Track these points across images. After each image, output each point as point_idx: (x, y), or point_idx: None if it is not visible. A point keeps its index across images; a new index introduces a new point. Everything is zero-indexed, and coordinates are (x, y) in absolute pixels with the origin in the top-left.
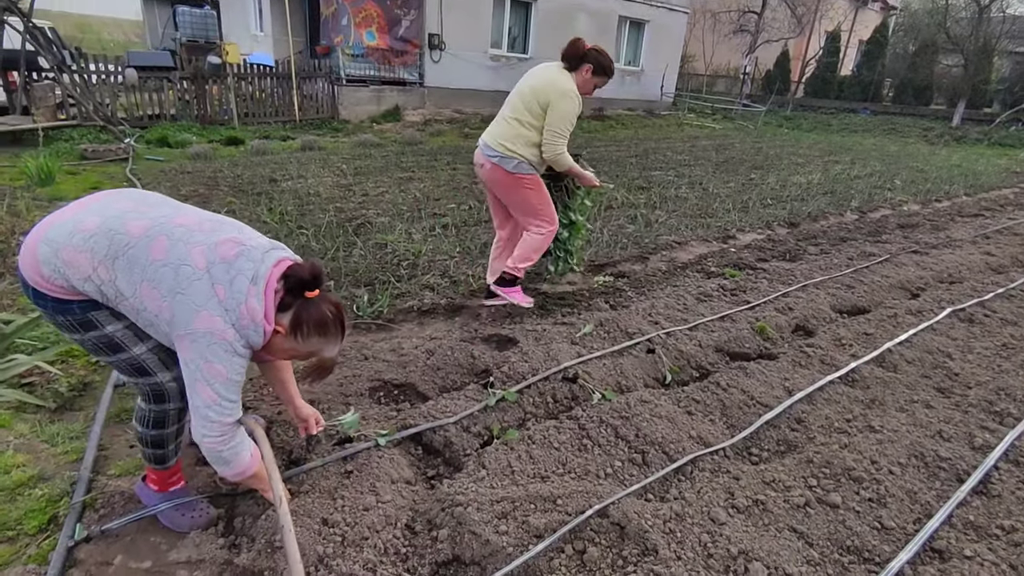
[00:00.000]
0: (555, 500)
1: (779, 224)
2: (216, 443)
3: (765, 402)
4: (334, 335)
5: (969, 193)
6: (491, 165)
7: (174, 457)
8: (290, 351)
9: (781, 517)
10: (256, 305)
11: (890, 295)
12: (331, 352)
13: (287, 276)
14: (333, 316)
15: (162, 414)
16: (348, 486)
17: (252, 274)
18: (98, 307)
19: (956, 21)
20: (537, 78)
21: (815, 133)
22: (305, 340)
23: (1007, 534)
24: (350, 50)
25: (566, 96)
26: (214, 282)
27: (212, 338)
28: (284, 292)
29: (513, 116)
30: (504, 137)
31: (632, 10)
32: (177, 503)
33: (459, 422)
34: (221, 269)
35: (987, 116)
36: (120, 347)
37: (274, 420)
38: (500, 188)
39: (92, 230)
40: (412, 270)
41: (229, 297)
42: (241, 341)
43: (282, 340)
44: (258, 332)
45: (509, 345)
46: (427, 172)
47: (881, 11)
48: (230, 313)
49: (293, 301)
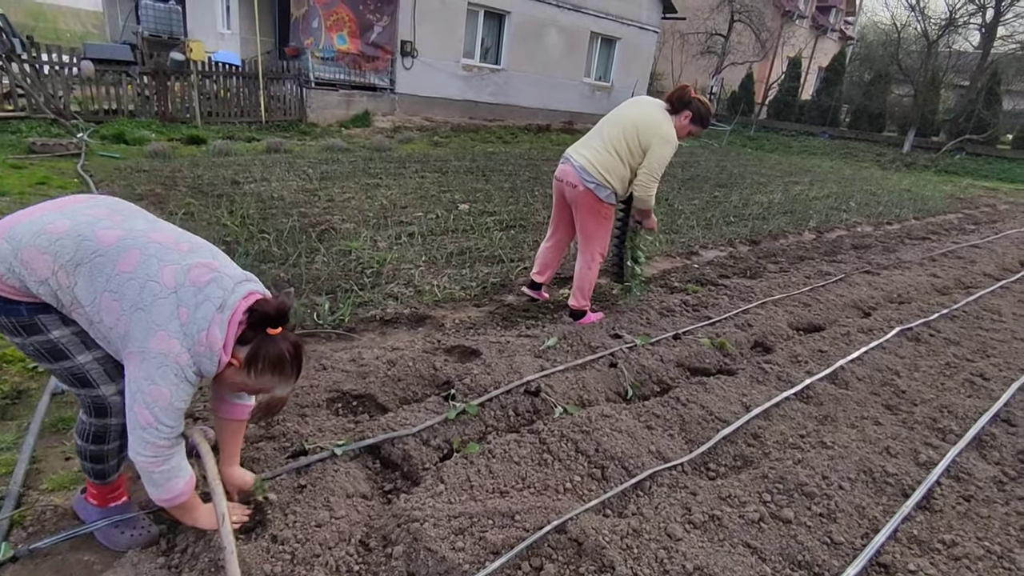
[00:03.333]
0: (513, 516)
1: (741, 242)
2: (149, 463)
3: (723, 417)
4: (288, 375)
5: (918, 217)
6: (585, 189)
7: (115, 472)
8: (240, 385)
9: (736, 533)
10: (218, 334)
11: (844, 313)
12: (282, 391)
13: (252, 310)
14: (290, 356)
15: (103, 428)
16: (301, 501)
17: (220, 302)
18: (47, 311)
19: (907, 54)
20: (642, 116)
21: (777, 154)
22: (258, 376)
23: (948, 548)
24: (320, 53)
25: (668, 143)
26: (180, 304)
27: (164, 360)
28: (247, 325)
29: (615, 149)
30: (604, 167)
31: (604, 27)
32: (116, 520)
33: (419, 434)
34: (190, 292)
35: (935, 144)
36: (64, 355)
37: None
38: (584, 211)
39: (60, 233)
40: (376, 278)
41: (191, 322)
42: (193, 368)
43: (234, 372)
44: (212, 361)
45: (472, 357)
46: (395, 179)
47: (840, 40)
48: (188, 338)
49: (254, 335)
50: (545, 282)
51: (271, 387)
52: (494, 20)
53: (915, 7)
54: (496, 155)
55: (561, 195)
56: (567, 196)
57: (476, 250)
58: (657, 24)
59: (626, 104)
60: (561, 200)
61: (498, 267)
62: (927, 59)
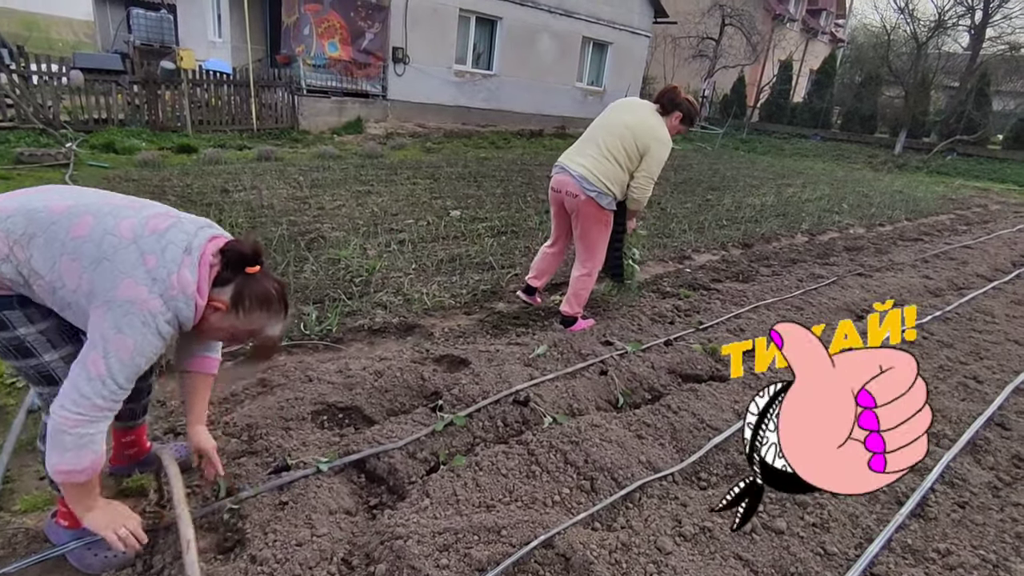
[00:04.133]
0: (500, 531)
1: (733, 245)
2: (69, 420)
3: (715, 425)
4: (277, 311)
5: (910, 218)
6: (586, 198)
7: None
8: (229, 329)
9: (727, 545)
10: (189, 276)
11: (837, 316)
12: (273, 331)
13: (226, 250)
14: (276, 292)
15: None
16: (282, 518)
17: (185, 245)
18: (12, 307)
19: (897, 56)
20: (635, 119)
21: (769, 156)
22: (247, 315)
23: (943, 557)
24: (311, 60)
25: (664, 145)
26: (143, 252)
27: (131, 307)
28: (222, 267)
29: (613, 155)
30: (604, 175)
31: (596, 32)
32: (88, 541)
33: (405, 447)
34: (151, 240)
35: (926, 145)
36: (30, 352)
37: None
38: (586, 220)
39: (9, 212)
40: (365, 287)
41: (160, 266)
42: (167, 315)
43: (221, 318)
44: (189, 305)
45: (461, 366)
46: (386, 186)
47: (830, 43)
48: (158, 283)
49: (232, 277)
50: (540, 287)
51: (262, 326)
52: (486, 26)
53: (904, 9)
54: (489, 161)
55: (560, 205)
56: (567, 206)
57: (467, 257)
58: (648, 28)
59: (617, 108)
60: (560, 210)
61: (489, 274)
62: (917, 61)
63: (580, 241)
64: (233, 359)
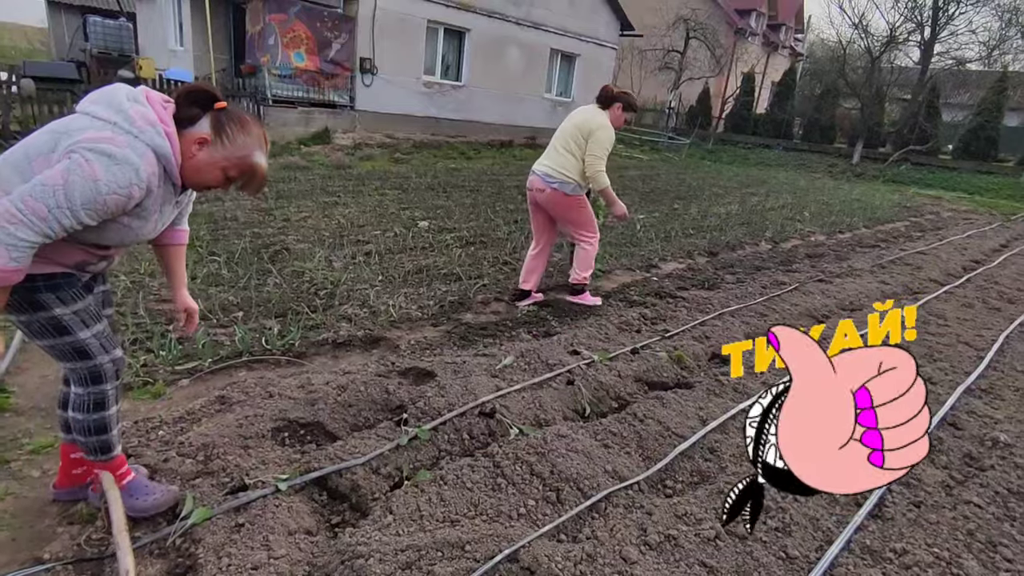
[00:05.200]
0: (464, 546)
1: (699, 253)
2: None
3: (680, 432)
4: (258, 134)
5: (867, 225)
6: (551, 191)
7: (119, 444)
8: (220, 161)
9: (692, 552)
10: (143, 110)
11: (799, 322)
12: (260, 158)
13: (192, 91)
14: (252, 119)
15: (101, 395)
16: (237, 541)
17: (126, 95)
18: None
19: (853, 69)
20: (580, 116)
21: (734, 166)
22: (232, 141)
23: (899, 557)
24: (277, 70)
25: (603, 127)
26: (91, 114)
27: (98, 144)
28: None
29: (565, 148)
30: (561, 166)
31: (563, 44)
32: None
33: (368, 463)
34: (90, 113)
35: (882, 155)
36: (67, 331)
37: (158, 468)
38: (558, 209)
39: None
40: (329, 300)
41: (112, 116)
42: (139, 147)
43: (208, 152)
44: (160, 133)
45: (427, 379)
46: (354, 197)
47: (790, 57)
48: (119, 124)
49: (203, 112)
50: (532, 287)
51: (248, 151)
52: (454, 37)
53: (858, 25)
54: (458, 171)
55: (535, 203)
56: (540, 201)
57: (435, 268)
58: (615, 41)
59: (569, 116)
60: (536, 207)
61: (457, 285)
62: (871, 74)
63: (567, 225)
64: (190, 376)
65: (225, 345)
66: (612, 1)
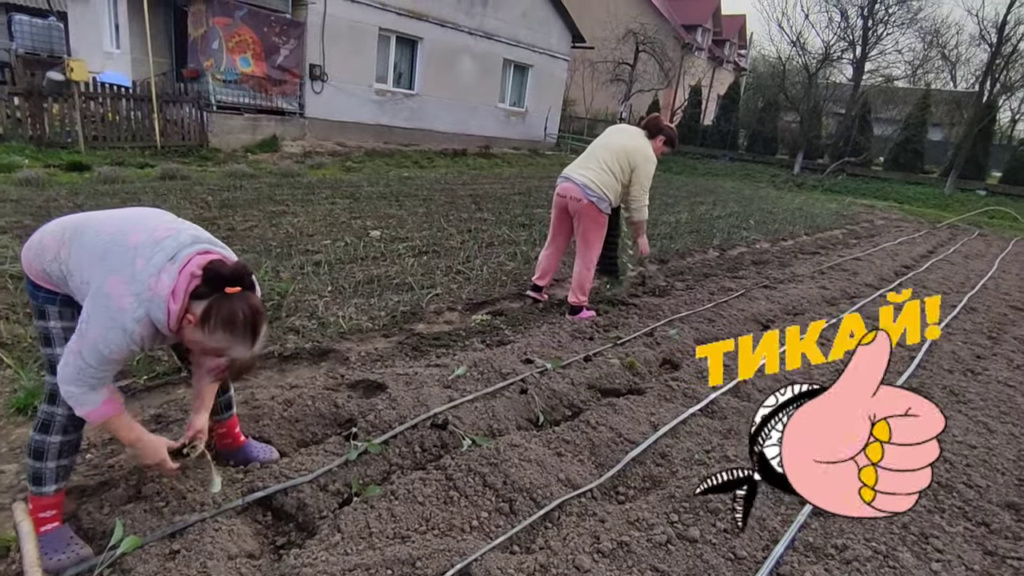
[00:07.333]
0: (414, 563)
1: (650, 261)
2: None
3: (632, 439)
4: (241, 337)
5: (808, 233)
6: (588, 203)
7: (52, 483)
8: (200, 343)
9: (644, 557)
10: (166, 280)
11: (745, 327)
12: (239, 353)
13: (207, 267)
14: (244, 317)
15: (50, 416)
16: (172, 570)
17: (173, 253)
18: (53, 303)
19: (792, 84)
20: (630, 141)
21: (683, 176)
22: (211, 334)
23: (840, 552)
24: (222, 75)
25: (650, 162)
26: (136, 255)
27: (108, 301)
28: (202, 282)
29: (608, 167)
30: (603, 183)
31: (516, 54)
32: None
33: (316, 480)
34: (147, 246)
35: (820, 166)
36: (50, 343)
37: (87, 493)
38: (586, 220)
39: (68, 222)
40: (276, 312)
41: (144, 269)
42: (136, 312)
43: (192, 330)
44: (160, 308)
45: (377, 391)
46: (302, 206)
47: (734, 71)
48: (137, 283)
49: (209, 293)
50: (545, 285)
51: (226, 347)
52: (407, 46)
53: (796, 43)
54: (411, 180)
55: (563, 208)
56: (570, 208)
57: (386, 278)
58: (567, 53)
59: (614, 131)
60: (563, 213)
61: (409, 295)
62: (809, 89)
63: (580, 239)
64: (124, 394)
65: (162, 360)
66: (564, 13)
